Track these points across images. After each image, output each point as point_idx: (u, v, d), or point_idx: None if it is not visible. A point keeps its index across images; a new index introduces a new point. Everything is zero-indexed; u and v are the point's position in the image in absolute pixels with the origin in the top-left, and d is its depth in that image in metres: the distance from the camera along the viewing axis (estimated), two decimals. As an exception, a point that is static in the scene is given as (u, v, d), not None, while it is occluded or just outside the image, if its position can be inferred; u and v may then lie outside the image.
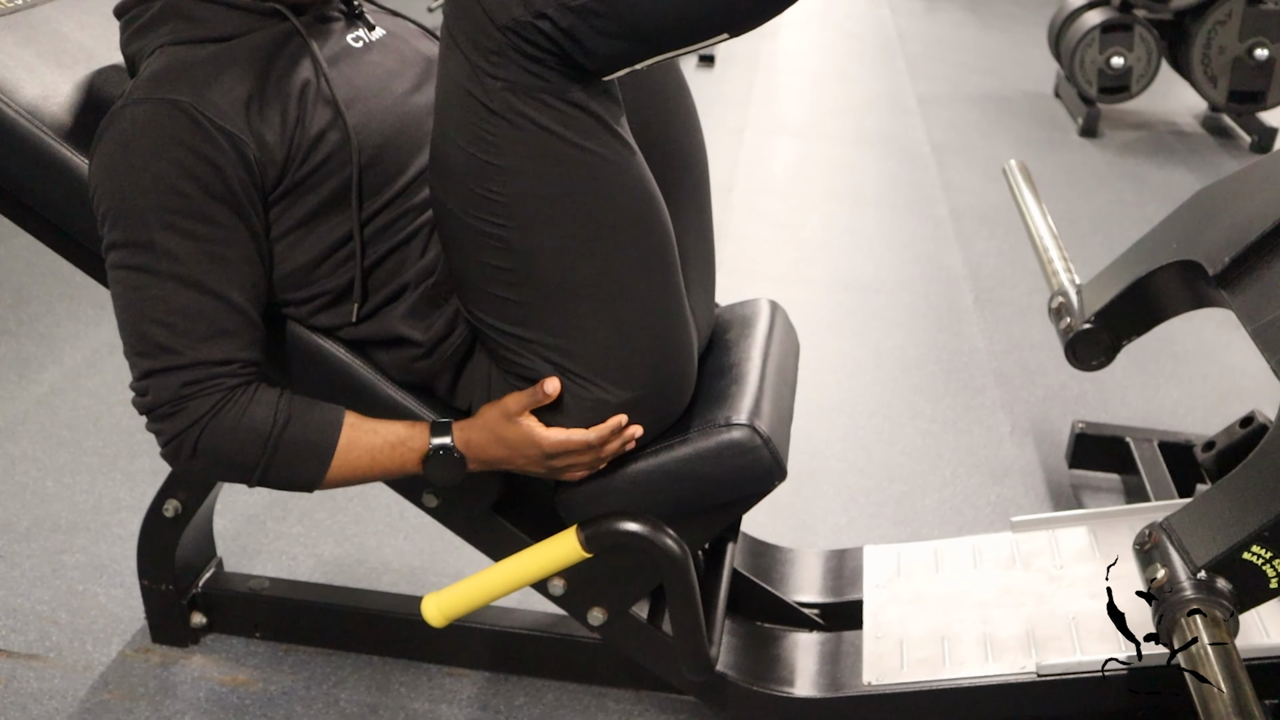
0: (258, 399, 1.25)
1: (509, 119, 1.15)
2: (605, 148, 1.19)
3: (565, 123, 1.16)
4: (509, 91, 1.13)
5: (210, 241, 1.21)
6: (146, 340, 1.22)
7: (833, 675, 1.61)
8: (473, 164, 1.18)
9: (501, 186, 1.18)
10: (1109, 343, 1.89)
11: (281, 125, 1.24)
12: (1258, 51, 4.35)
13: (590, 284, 1.24)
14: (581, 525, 1.38)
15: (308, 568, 2.02)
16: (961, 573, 1.73)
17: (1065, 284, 2.03)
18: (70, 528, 2.10)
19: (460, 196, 1.21)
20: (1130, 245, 1.97)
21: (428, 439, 1.31)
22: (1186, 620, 1.26)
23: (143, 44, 1.28)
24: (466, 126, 1.17)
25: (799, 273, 3.31)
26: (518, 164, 1.17)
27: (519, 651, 1.76)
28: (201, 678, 1.77)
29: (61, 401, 2.49)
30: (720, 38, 1.15)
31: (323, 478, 1.29)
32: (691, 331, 1.37)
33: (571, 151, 1.17)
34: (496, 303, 1.27)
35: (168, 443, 1.24)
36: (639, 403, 1.32)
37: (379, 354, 1.38)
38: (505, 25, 1.10)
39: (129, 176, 1.18)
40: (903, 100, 5.05)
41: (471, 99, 1.15)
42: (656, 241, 1.27)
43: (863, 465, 2.39)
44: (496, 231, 1.21)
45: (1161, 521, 1.38)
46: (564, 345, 1.28)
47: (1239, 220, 1.68)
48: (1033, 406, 2.63)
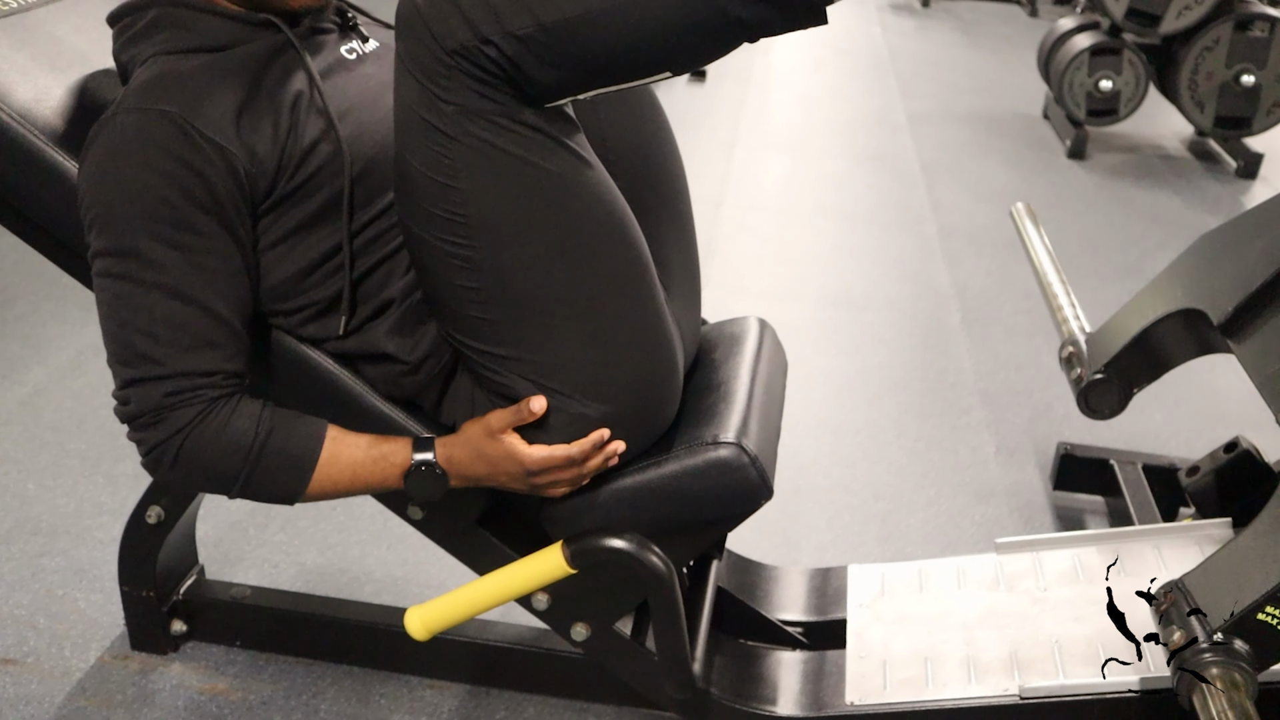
0: (240, 411, 1.24)
1: (463, 142, 1.15)
2: (562, 165, 1.20)
3: (519, 143, 1.16)
4: (461, 115, 1.14)
5: (196, 252, 1.20)
6: (129, 349, 1.21)
7: (815, 694, 1.61)
8: (432, 187, 1.19)
9: (462, 208, 1.19)
10: (1121, 392, 1.91)
11: (273, 136, 1.23)
12: (1244, 78, 4.39)
13: (561, 299, 1.24)
14: (567, 541, 1.38)
15: (290, 576, 2.01)
16: (946, 593, 1.73)
17: (1075, 332, 2.05)
18: (51, 531, 2.08)
19: (423, 219, 1.22)
20: (1137, 292, 1.99)
21: (410, 454, 1.31)
22: (1205, 687, 1.27)
23: (135, 52, 1.28)
24: (423, 150, 1.17)
25: (787, 289, 3.32)
26: (476, 185, 1.17)
27: (501, 665, 1.75)
28: (180, 686, 1.75)
29: (45, 403, 2.47)
30: (663, 75, 1.18)
31: (304, 491, 1.29)
32: (674, 344, 1.37)
33: (528, 170, 1.18)
34: (470, 322, 1.27)
35: (149, 452, 1.24)
36: (621, 417, 1.32)
37: (366, 368, 1.37)
38: (453, 49, 1.11)
39: (116, 185, 1.18)
40: (893, 118, 5.07)
41: (426, 124, 1.16)
42: (626, 254, 1.27)
43: (848, 483, 2.39)
44: (463, 252, 1.21)
45: (1177, 581, 1.39)
46: (540, 361, 1.27)
47: (1241, 267, 1.69)
48: (1018, 427, 2.64)
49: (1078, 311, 2.12)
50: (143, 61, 1.27)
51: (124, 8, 1.31)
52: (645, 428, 1.37)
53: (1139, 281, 3.49)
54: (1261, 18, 4.35)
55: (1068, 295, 2.17)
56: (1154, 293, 1.92)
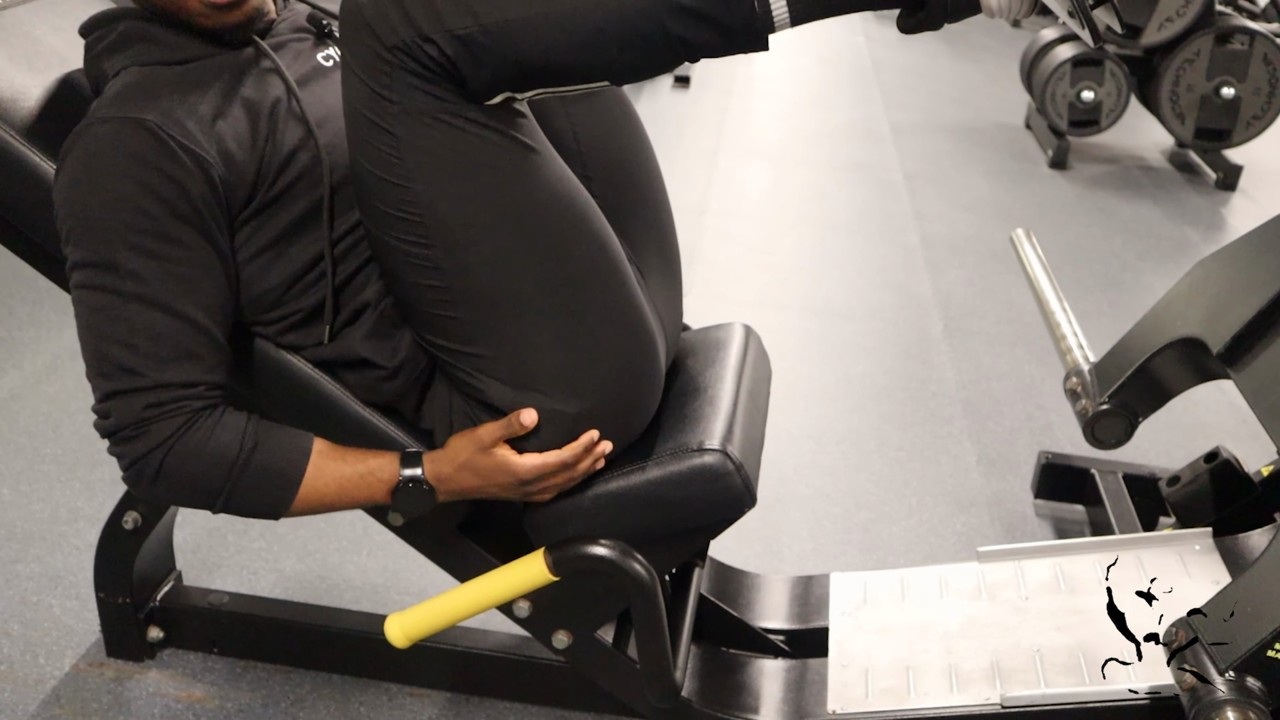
0: (224, 423, 1.23)
1: (410, 141, 1.15)
2: (513, 159, 1.19)
3: (466, 139, 1.16)
4: (406, 114, 1.13)
5: (175, 262, 1.19)
6: (109, 361, 1.19)
7: (797, 703, 1.60)
8: (384, 187, 1.18)
9: (415, 208, 1.18)
10: (1127, 422, 1.92)
11: (251, 142, 1.22)
12: (1224, 90, 4.43)
13: (527, 295, 1.23)
14: (549, 548, 1.37)
15: (269, 583, 1.99)
16: (927, 602, 1.73)
17: (1080, 362, 2.05)
18: (25, 537, 2.06)
19: (381, 220, 1.21)
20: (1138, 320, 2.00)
21: (397, 470, 1.30)
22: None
23: (107, 65, 1.27)
24: (371, 151, 1.17)
25: (770, 297, 3.32)
26: (426, 185, 1.17)
27: (482, 673, 1.74)
28: (157, 694, 1.73)
29: (20, 407, 2.45)
30: (600, 84, 1.18)
31: (289, 506, 1.28)
32: (651, 334, 1.35)
33: (477, 166, 1.17)
34: (438, 322, 1.26)
35: (130, 466, 1.22)
36: (601, 412, 1.31)
37: (345, 375, 1.36)
38: (394, 46, 1.11)
39: (93, 195, 1.17)
40: (876, 128, 5.09)
41: (372, 124, 1.15)
42: (590, 245, 1.26)
43: (830, 492, 2.39)
44: (423, 252, 1.20)
45: (1188, 617, 1.39)
46: (512, 359, 1.26)
47: (1238, 295, 1.70)
48: (999, 437, 2.64)
49: (1082, 341, 2.12)
50: (115, 73, 1.26)
51: (94, 20, 1.30)
52: (626, 421, 1.36)
53: (1120, 293, 3.51)
54: (1241, 31, 4.38)
55: (1070, 325, 2.17)
56: (1153, 322, 1.93)
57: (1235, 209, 4.43)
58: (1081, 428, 1.95)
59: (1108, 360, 2.00)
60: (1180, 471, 2.00)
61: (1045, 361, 3.02)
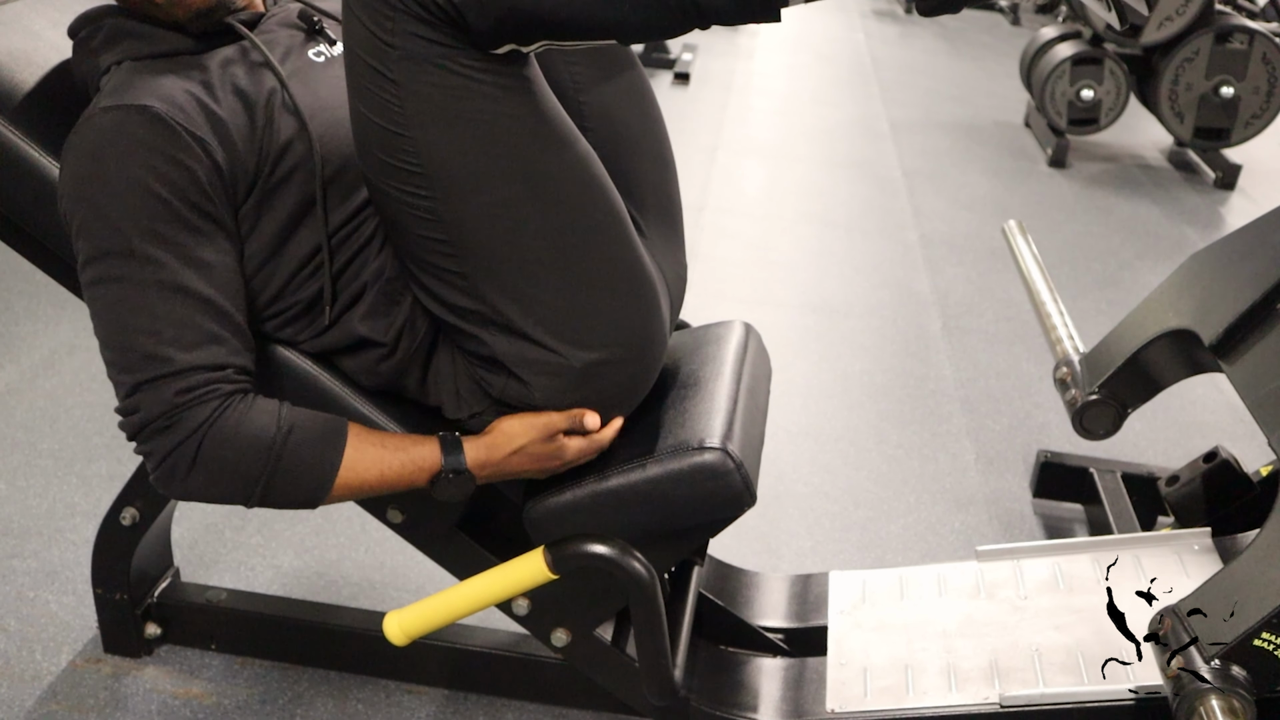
0: (257, 406, 1.21)
1: (411, 87, 1.13)
2: (515, 107, 1.17)
3: (468, 86, 1.14)
4: (408, 59, 1.12)
5: (190, 247, 1.18)
6: (133, 352, 1.17)
7: (796, 702, 1.60)
8: (385, 136, 1.16)
9: (416, 157, 1.16)
10: (1115, 413, 1.91)
11: (250, 131, 1.22)
12: (1223, 89, 4.43)
13: (528, 245, 1.22)
14: (549, 546, 1.37)
15: (266, 579, 1.99)
16: (926, 601, 1.72)
17: (1069, 353, 2.05)
18: (22, 532, 2.05)
19: (381, 170, 1.19)
20: (1129, 312, 1.99)
21: (439, 458, 1.29)
22: (1205, 709, 1.27)
23: (96, 63, 1.27)
24: (372, 99, 1.15)
25: (768, 294, 3.32)
26: (427, 133, 1.15)
27: (480, 670, 1.74)
28: (154, 690, 1.73)
29: (17, 402, 2.44)
30: (607, 41, 1.17)
31: (329, 492, 1.25)
32: (654, 285, 1.34)
33: (479, 115, 1.15)
34: (442, 277, 1.25)
35: (163, 460, 1.18)
36: (604, 365, 1.30)
37: (345, 360, 1.35)
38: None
39: (101, 185, 1.15)
40: (875, 125, 5.09)
41: (373, 71, 1.13)
42: (593, 195, 1.25)
43: (828, 490, 2.39)
44: (423, 203, 1.19)
45: (1174, 606, 1.39)
46: (515, 311, 1.25)
47: (1231, 288, 1.69)
48: (998, 435, 2.64)
49: (1072, 332, 2.12)
50: (105, 69, 1.25)
51: (80, 20, 1.30)
52: (632, 375, 1.35)
53: (1118, 291, 3.51)
54: (1241, 30, 4.38)
55: (1061, 316, 2.17)
56: (1145, 313, 1.92)
57: (1234, 208, 4.43)
58: (1070, 417, 1.95)
59: (1098, 351, 1.99)
60: (1179, 471, 2.00)
61: (1043, 360, 3.02)
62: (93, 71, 1.28)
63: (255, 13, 1.34)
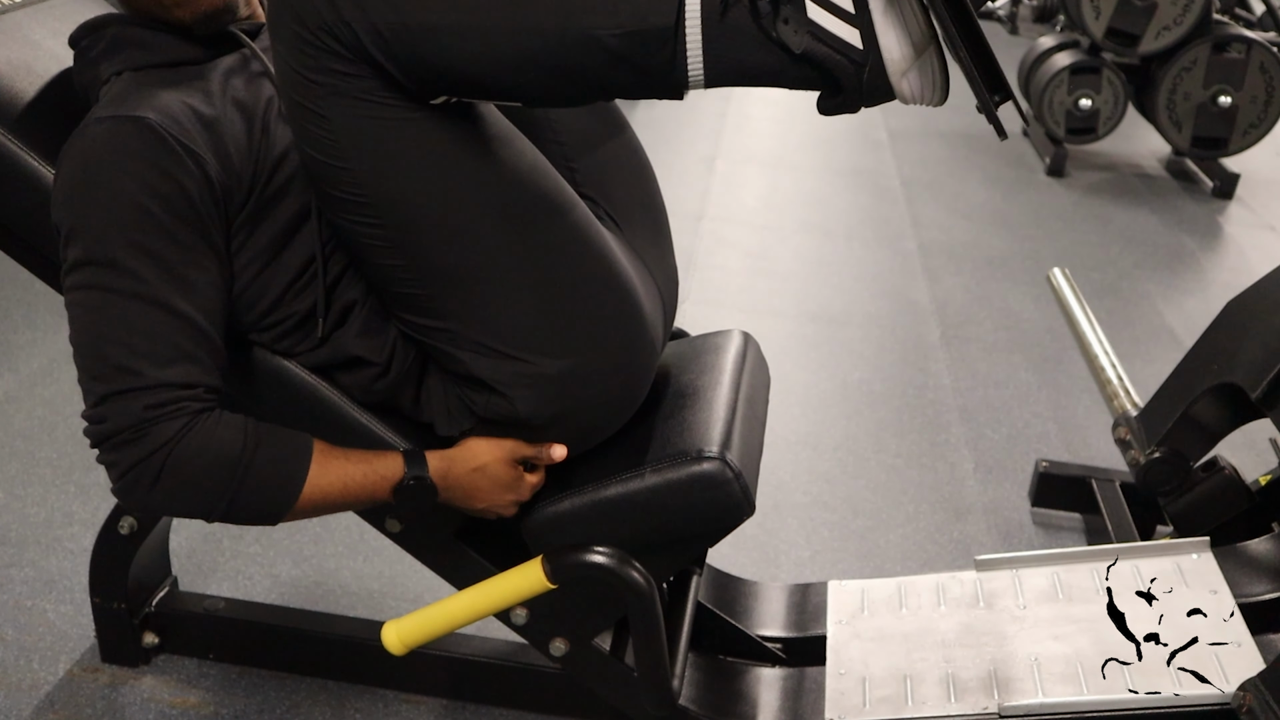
0: (224, 423, 1.21)
1: (339, 121, 1.13)
2: (444, 132, 1.17)
3: (395, 112, 1.14)
4: (334, 95, 1.12)
5: (174, 262, 1.18)
6: (105, 362, 1.17)
7: (795, 712, 1.60)
8: (327, 171, 1.16)
9: (358, 188, 1.16)
10: (1178, 466, 1.93)
11: (248, 145, 1.22)
12: (1221, 99, 4.44)
13: (485, 264, 1.22)
14: (547, 555, 1.36)
15: (264, 588, 1.99)
16: (925, 610, 1.72)
17: (1127, 408, 2.08)
18: (20, 541, 2.05)
19: (332, 205, 1.20)
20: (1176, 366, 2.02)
21: (402, 468, 1.30)
22: None
23: (97, 72, 1.27)
24: (307, 135, 1.15)
25: (766, 304, 3.32)
26: (363, 163, 1.15)
27: (478, 680, 1.73)
28: (151, 699, 1.73)
29: (15, 410, 2.44)
30: (512, 104, 1.19)
31: (292, 507, 1.25)
32: (630, 292, 1.33)
33: (414, 144, 1.15)
34: (408, 300, 1.25)
35: (126, 472, 1.18)
36: (583, 371, 1.30)
37: (341, 377, 1.35)
38: (317, 27, 1.09)
39: (91, 194, 1.16)
40: (873, 134, 5.10)
41: (302, 107, 1.14)
42: (547, 202, 1.25)
43: (827, 499, 2.39)
44: (376, 232, 1.19)
45: (1252, 680, 1.39)
46: (483, 328, 1.25)
47: (1271, 337, 1.71)
48: (996, 444, 2.64)
49: (1127, 385, 2.14)
50: (106, 79, 1.26)
51: (82, 29, 1.30)
52: (622, 382, 1.35)
53: (1116, 300, 3.52)
54: (1238, 40, 4.39)
55: (1115, 369, 2.19)
56: (1190, 367, 1.96)
57: (1232, 217, 4.44)
58: (1134, 477, 1.96)
59: (1152, 407, 2.03)
60: (1178, 480, 2.00)
61: (1042, 369, 3.02)
62: (93, 81, 1.28)
63: (257, 22, 1.34)
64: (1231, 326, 1.91)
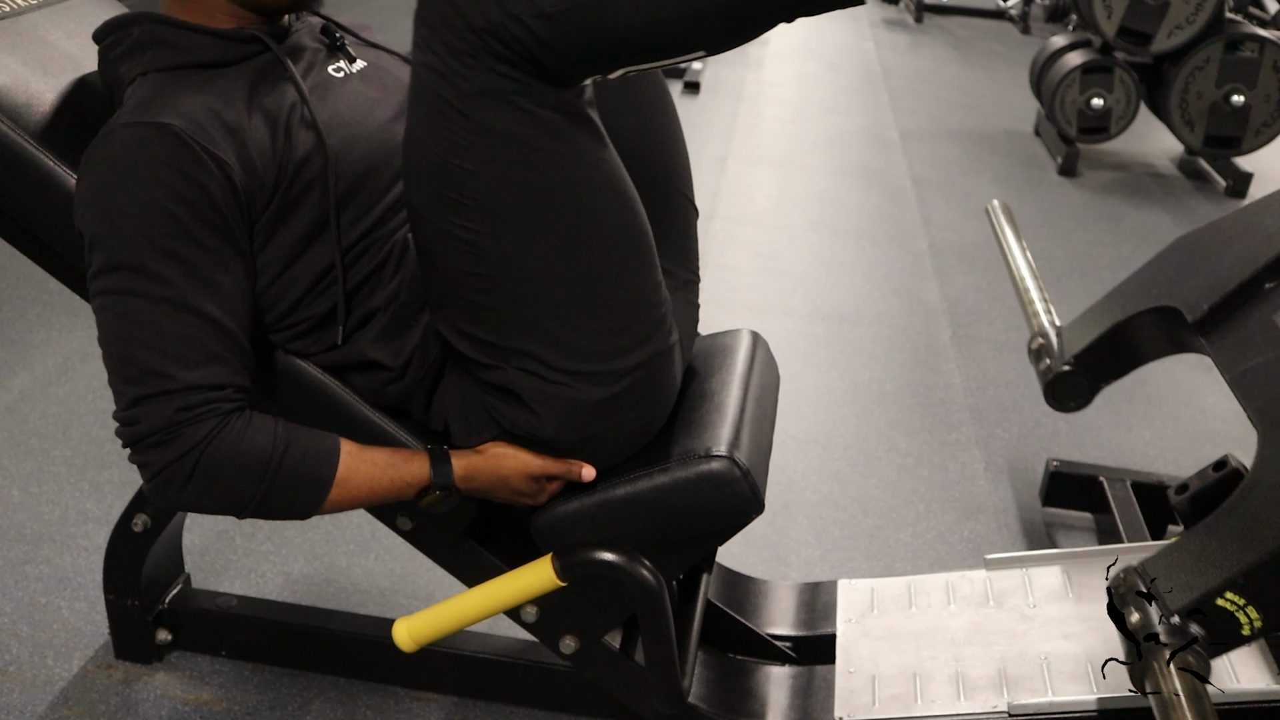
0: (254, 424, 1.22)
1: (479, 121, 1.13)
2: (577, 151, 1.18)
3: (536, 126, 1.14)
4: (481, 95, 1.12)
5: (201, 266, 1.19)
6: (135, 365, 1.18)
7: (804, 710, 1.60)
8: (442, 167, 1.17)
9: (471, 190, 1.17)
10: (1087, 385, 1.90)
11: (271, 148, 1.23)
12: (1234, 98, 4.42)
13: (565, 287, 1.23)
14: (557, 554, 1.37)
15: (276, 586, 2.00)
16: (935, 609, 1.72)
17: (1045, 325, 2.04)
18: (34, 538, 2.06)
19: (431, 200, 1.20)
20: (1111, 289, 1.99)
21: (427, 471, 1.31)
22: (1160, 664, 1.26)
23: (124, 70, 1.27)
24: (436, 128, 1.15)
25: (778, 303, 3.32)
26: (487, 168, 1.16)
27: (488, 677, 1.74)
28: (164, 696, 1.74)
29: (30, 409, 2.46)
30: (696, 55, 1.15)
31: (320, 506, 1.27)
32: (673, 331, 1.36)
33: (541, 156, 1.16)
34: (469, 310, 1.26)
35: (159, 473, 1.20)
36: (616, 404, 1.31)
37: (353, 378, 1.37)
38: (480, 27, 1.09)
39: (118, 200, 1.17)
40: (885, 134, 5.09)
41: (442, 101, 1.13)
42: (633, 244, 1.26)
43: (837, 498, 2.39)
44: (468, 236, 1.20)
45: (1136, 565, 1.39)
46: (540, 348, 1.26)
47: (1218, 268, 1.69)
48: (1007, 444, 2.64)
49: (1050, 307, 2.12)
50: (131, 79, 1.26)
51: (108, 26, 1.30)
52: (642, 416, 1.36)
53: (1129, 299, 3.50)
54: (1251, 38, 4.37)
55: (1040, 291, 2.17)
56: (1128, 290, 1.92)
57: (1245, 216, 4.41)
58: (1042, 388, 1.93)
59: (1077, 323, 1.99)
60: (1189, 480, 1.99)
61: (1053, 368, 3.01)
62: (117, 80, 1.29)
63: (282, 26, 1.35)
64: (1178, 258, 1.87)
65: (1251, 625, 1.29)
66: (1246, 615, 1.28)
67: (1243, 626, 1.28)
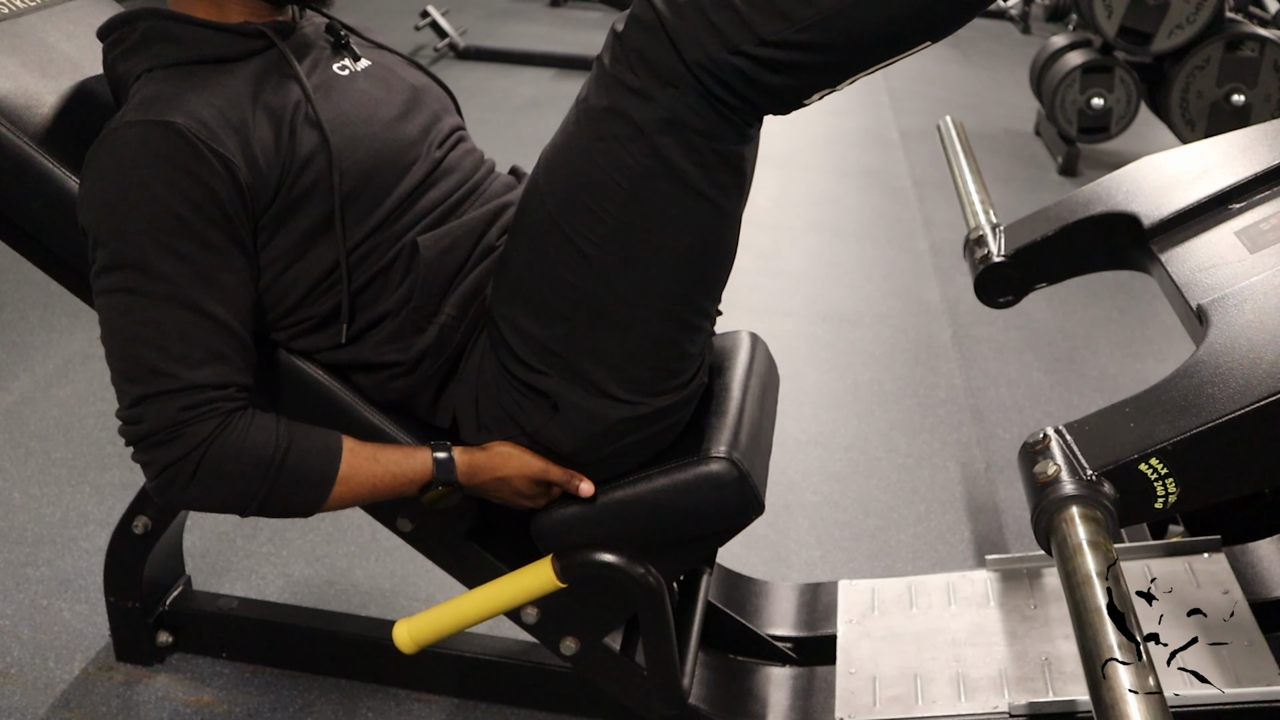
0: (256, 423, 1.23)
1: (654, 146, 1.14)
2: (723, 200, 1.20)
3: (703, 168, 1.16)
4: (666, 122, 1.13)
5: (204, 264, 1.19)
6: (138, 364, 1.19)
7: (805, 711, 1.60)
8: (598, 177, 1.17)
9: (615, 208, 1.18)
10: (1020, 281, 1.86)
11: (275, 146, 1.23)
12: (1234, 97, 4.41)
13: (650, 325, 1.25)
14: (557, 555, 1.37)
15: (277, 588, 2.00)
16: (935, 610, 1.72)
17: (984, 222, 2.00)
18: (35, 540, 2.07)
19: (566, 199, 1.20)
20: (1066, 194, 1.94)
21: (430, 468, 1.31)
22: (1065, 517, 1.21)
23: (128, 66, 1.27)
24: (608, 140, 1.16)
25: (778, 304, 3.32)
26: (641, 194, 1.17)
27: (489, 679, 1.74)
28: (166, 698, 1.74)
29: (31, 411, 2.46)
30: (923, 45, 1.18)
31: (322, 505, 1.28)
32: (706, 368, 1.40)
33: (693, 199, 1.18)
34: (546, 312, 1.26)
35: (161, 471, 1.20)
36: (639, 429, 1.32)
37: (357, 375, 1.37)
38: (695, 62, 1.09)
39: (122, 198, 1.17)
40: (885, 134, 5.09)
41: (625, 117, 1.14)
42: (717, 294, 1.31)
43: (838, 499, 2.39)
44: (587, 248, 1.20)
45: (1059, 426, 1.35)
46: (595, 371, 1.27)
47: (1182, 183, 1.69)
48: (1008, 444, 2.64)
49: (991, 208, 2.05)
50: (136, 76, 1.26)
51: (113, 22, 1.30)
52: (650, 438, 1.36)
53: (1129, 299, 3.51)
54: (1252, 38, 4.37)
55: (982, 189, 2.12)
56: (1082, 196, 1.89)
57: (1245, 216, 4.41)
58: (973, 279, 1.85)
59: (1022, 222, 1.94)
60: (1189, 479, 1.99)
61: (1054, 369, 3.01)
62: (122, 77, 1.29)
63: (288, 23, 1.35)
64: (1140, 172, 1.85)
65: (1166, 498, 1.24)
66: (1165, 486, 1.24)
67: (1157, 498, 1.25)
